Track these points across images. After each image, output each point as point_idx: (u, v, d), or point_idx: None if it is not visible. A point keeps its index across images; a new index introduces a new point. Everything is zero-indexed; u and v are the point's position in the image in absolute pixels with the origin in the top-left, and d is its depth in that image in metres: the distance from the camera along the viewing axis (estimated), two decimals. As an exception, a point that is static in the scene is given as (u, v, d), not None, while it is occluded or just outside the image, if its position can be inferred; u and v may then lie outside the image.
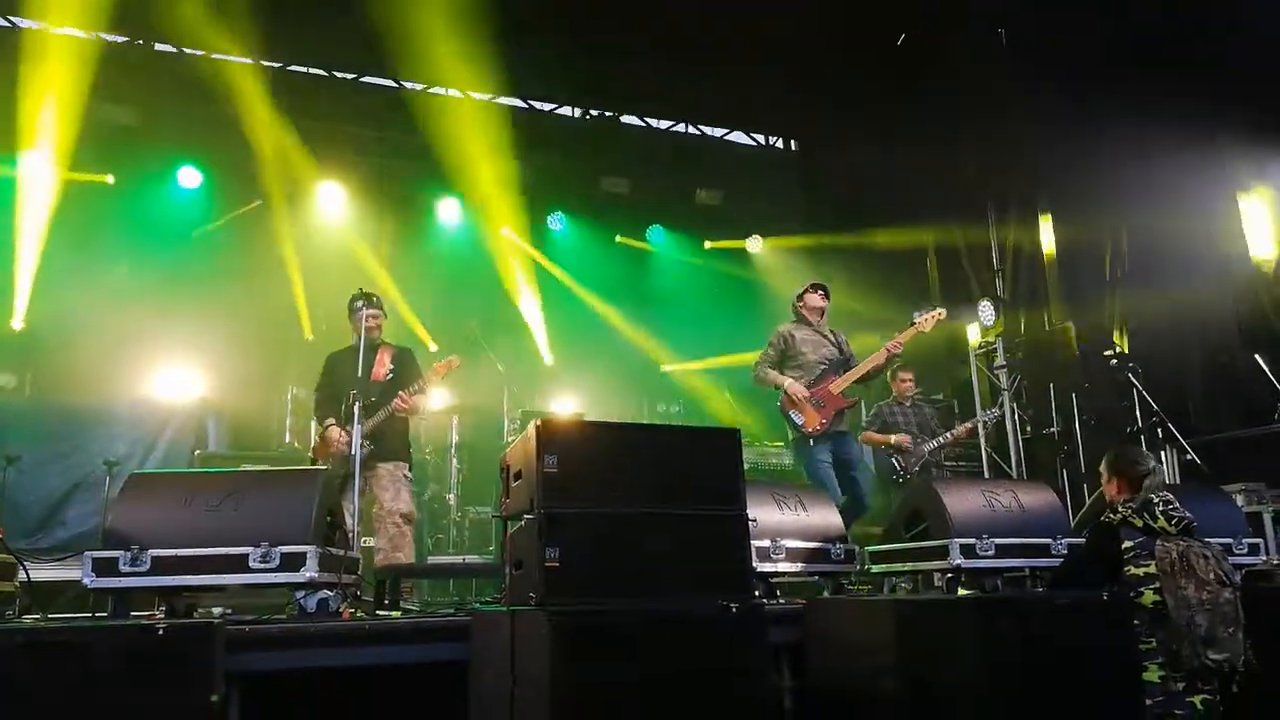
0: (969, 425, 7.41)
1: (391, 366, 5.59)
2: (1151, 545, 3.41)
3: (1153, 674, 3.24)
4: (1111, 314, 8.35)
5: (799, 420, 5.77)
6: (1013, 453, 8.87)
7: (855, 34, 8.99)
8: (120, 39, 8.91)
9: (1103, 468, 3.89)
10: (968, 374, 9.54)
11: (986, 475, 8.74)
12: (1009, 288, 9.44)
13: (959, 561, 3.98)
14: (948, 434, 7.17)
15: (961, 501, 4.19)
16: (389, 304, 6.22)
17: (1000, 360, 9.14)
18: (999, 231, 9.68)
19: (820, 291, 6.13)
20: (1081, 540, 3.83)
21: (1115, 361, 6.67)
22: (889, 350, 5.80)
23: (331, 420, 5.37)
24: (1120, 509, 3.57)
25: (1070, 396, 8.41)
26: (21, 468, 6.63)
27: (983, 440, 9.14)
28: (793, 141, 11.90)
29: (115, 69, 8.64)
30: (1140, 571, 3.38)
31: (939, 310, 6.00)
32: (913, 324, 5.95)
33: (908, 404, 7.30)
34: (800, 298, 6.16)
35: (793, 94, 10.10)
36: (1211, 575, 3.32)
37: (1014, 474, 8.66)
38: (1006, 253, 9.58)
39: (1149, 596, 3.33)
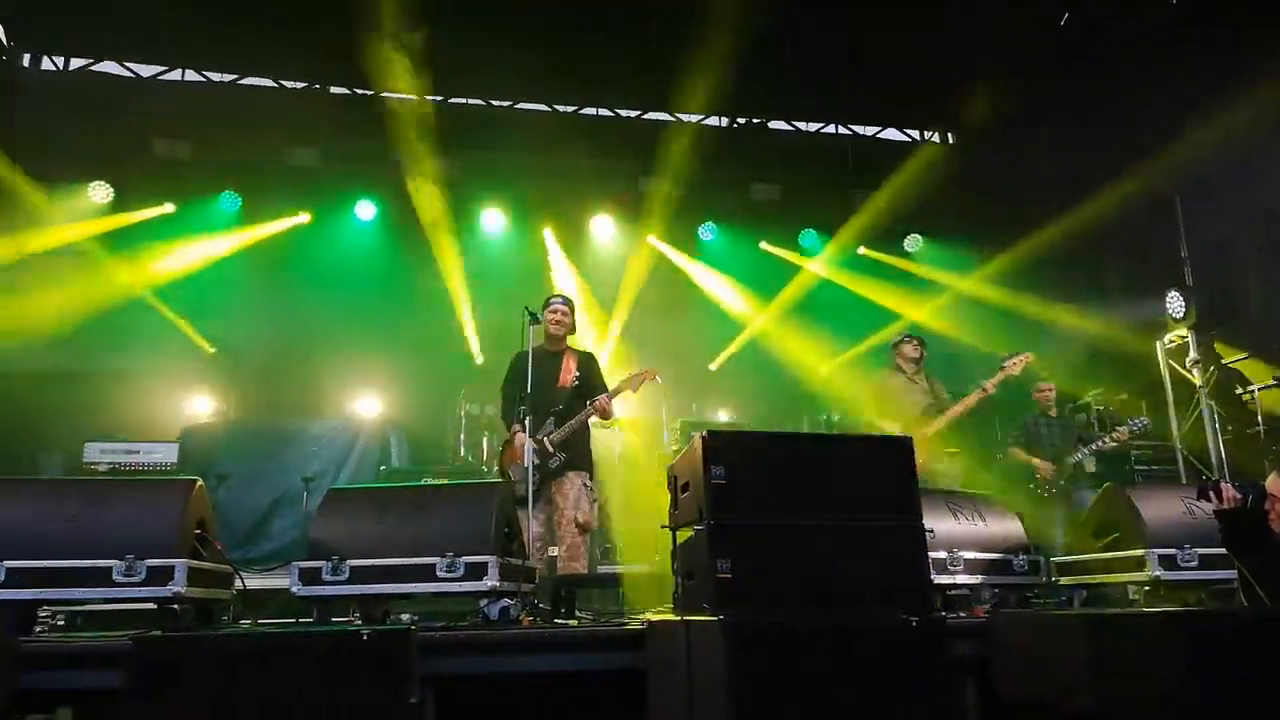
0: (1120, 432, 7.01)
1: (577, 373, 5.40)
2: None
3: None
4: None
5: None
6: (1213, 455, 8.15)
7: (1015, 14, 8.55)
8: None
9: None
10: (1157, 372, 8.84)
11: (1184, 481, 8.08)
12: (1199, 276, 8.67)
13: (1158, 573, 3.74)
14: (1096, 443, 6.90)
15: (1158, 509, 3.93)
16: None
17: (1193, 354, 8.43)
18: (1186, 217, 8.91)
19: (914, 342, 6.61)
20: None
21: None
22: (984, 391, 6.24)
23: (519, 427, 5.13)
24: None
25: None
26: (231, 486, 7.30)
27: (1178, 443, 8.46)
28: (949, 134, 11.41)
29: (299, 113, 9.42)
30: None
31: (1026, 354, 6.41)
32: (1002, 368, 6.36)
33: (1052, 415, 7.28)
34: (895, 347, 6.67)
35: (949, 83, 9.68)
36: None
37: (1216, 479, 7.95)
38: (1196, 239, 8.81)
39: None
